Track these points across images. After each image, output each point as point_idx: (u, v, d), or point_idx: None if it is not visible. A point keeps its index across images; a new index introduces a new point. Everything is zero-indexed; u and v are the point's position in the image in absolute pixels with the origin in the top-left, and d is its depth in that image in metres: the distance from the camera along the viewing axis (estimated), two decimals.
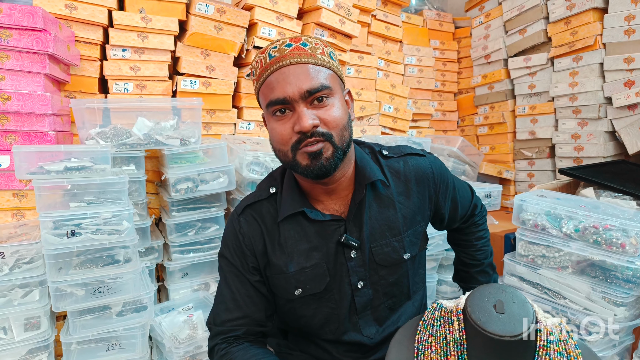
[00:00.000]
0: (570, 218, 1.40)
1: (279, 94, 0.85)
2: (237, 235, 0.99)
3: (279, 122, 0.87)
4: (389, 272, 0.99)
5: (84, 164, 1.34)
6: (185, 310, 1.57)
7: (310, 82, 0.85)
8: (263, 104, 0.91)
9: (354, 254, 0.96)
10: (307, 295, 0.97)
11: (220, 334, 0.98)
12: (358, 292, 0.98)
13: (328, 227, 0.96)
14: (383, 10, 2.54)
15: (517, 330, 0.65)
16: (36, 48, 1.42)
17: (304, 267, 0.96)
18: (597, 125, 2.10)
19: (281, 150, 0.89)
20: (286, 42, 0.88)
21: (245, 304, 0.98)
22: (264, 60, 0.88)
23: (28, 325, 1.32)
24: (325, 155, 0.86)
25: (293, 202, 0.96)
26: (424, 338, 0.73)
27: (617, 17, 1.97)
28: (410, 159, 1.04)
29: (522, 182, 2.52)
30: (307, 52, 0.87)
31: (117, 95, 1.79)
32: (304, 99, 0.84)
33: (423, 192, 1.03)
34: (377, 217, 0.98)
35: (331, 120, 0.86)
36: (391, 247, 0.98)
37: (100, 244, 1.29)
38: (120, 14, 1.75)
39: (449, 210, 1.12)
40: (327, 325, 1.00)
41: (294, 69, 0.85)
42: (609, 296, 1.30)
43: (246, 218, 1.00)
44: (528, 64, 2.40)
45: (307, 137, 0.84)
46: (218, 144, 1.71)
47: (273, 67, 0.86)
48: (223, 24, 1.92)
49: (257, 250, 0.98)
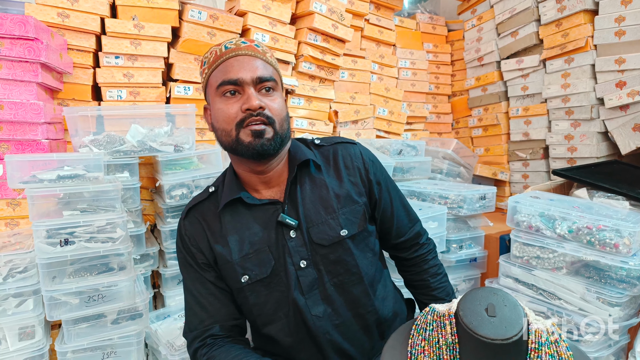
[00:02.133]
0: (564, 219, 1.41)
1: (232, 76, 0.93)
2: (184, 238, 1.06)
3: (227, 102, 0.94)
4: (329, 251, 1.01)
5: (77, 172, 1.34)
6: (182, 317, 1.56)
7: (261, 71, 0.95)
8: (212, 87, 0.97)
9: (293, 233, 1.00)
10: (255, 281, 1.00)
11: (196, 339, 1.01)
12: (302, 271, 1.00)
13: (266, 210, 1.01)
14: (376, 14, 2.56)
15: (509, 333, 0.65)
16: (28, 57, 1.42)
17: (247, 254, 1.00)
18: (590, 126, 2.11)
19: (225, 129, 0.95)
20: (241, 40, 0.99)
21: (209, 303, 1.02)
22: (219, 50, 0.98)
23: (22, 335, 1.31)
24: (267, 136, 0.93)
25: (231, 192, 1.02)
26: (417, 342, 0.73)
27: (607, 18, 1.99)
28: (339, 146, 1.10)
29: (517, 183, 2.53)
30: (259, 51, 0.98)
31: (110, 103, 1.79)
32: (254, 84, 0.94)
33: (354, 175, 1.07)
34: (311, 197, 1.02)
35: (275, 108, 0.95)
36: (327, 224, 1.01)
37: (94, 252, 1.28)
38: (113, 22, 1.75)
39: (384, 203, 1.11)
40: (280, 310, 1.02)
41: (248, 59, 0.96)
42: (604, 296, 1.31)
43: (190, 220, 1.06)
44: (520, 66, 2.41)
45: (252, 116, 0.92)
46: (212, 149, 1.71)
47: (229, 55, 0.95)
48: (216, 30, 1.93)
49: (203, 247, 1.03)
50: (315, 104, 2.24)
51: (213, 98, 0.98)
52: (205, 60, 1.01)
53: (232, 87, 0.94)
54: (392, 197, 1.13)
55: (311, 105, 2.23)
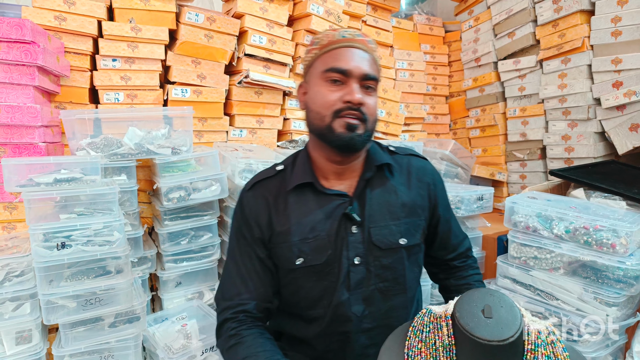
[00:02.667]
0: (561, 219, 1.41)
1: (343, 65, 0.94)
2: (244, 209, 1.06)
3: (330, 87, 0.95)
4: (384, 255, 1.01)
5: (74, 175, 1.33)
6: (179, 320, 1.56)
7: (370, 69, 0.96)
8: (319, 69, 0.98)
9: (355, 229, 1.00)
10: (308, 266, 1.00)
11: (229, 308, 1.01)
12: (354, 267, 1.01)
13: (333, 201, 1.01)
14: (373, 16, 2.56)
15: (505, 334, 0.65)
16: (25, 60, 1.41)
17: (306, 238, 1.00)
18: (587, 126, 2.12)
19: (320, 113, 0.96)
20: (357, 33, 1.00)
21: (251, 278, 1.03)
22: (335, 35, 0.98)
23: (19, 339, 1.31)
24: (358, 132, 0.95)
25: (304, 175, 1.03)
26: (414, 344, 0.73)
27: (603, 19, 2.00)
28: (413, 159, 1.12)
29: (515, 183, 2.53)
30: (371, 48, 1.00)
31: (107, 105, 1.79)
32: (360, 79, 0.95)
33: (423, 188, 1.08)
34: (379, 200, 1.03)
35: (371, 107, 0.97)
36: (388, 229, 1.02)
37: (91, 255, 1.28)
38: (110, 24, 1.75)
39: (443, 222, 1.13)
40: (323, 299, 1.02)
41: (362, 54, 0.97)
42: (601, 296, 1.31)
43: (253, 193, 1.06)
44: (517, 66, 2.42)
45: (350, 109, 0.94)
46: (210, 151, 1.71)
47: (344, 44, 0.96)
48: (213, 32, 1.93)
49: (261, 223, 1.03)
50: None
51: (315, 79, 0.99)
52: (317, 40, 1.01)
53: (340, 76, 0.95)
54: (450, 216, 1.16)
55: None
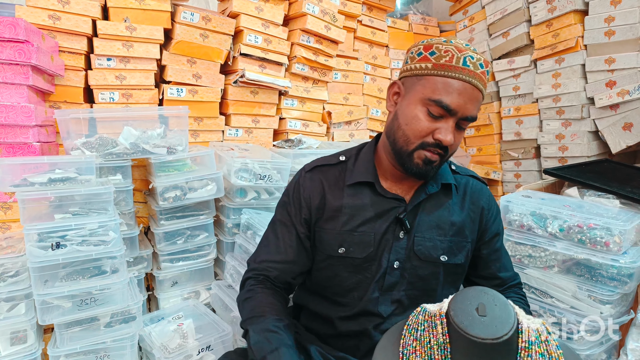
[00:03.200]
0: (555, 218, 1.42)
1: (450, 102, 0.88)
2: (299, 188, 1.06)
3: (427, 117, 0.91)
4: (421, 265, 1.02)
5: (69, 175, 1.33)
6: (175, 319, 1.56)
7: (473, 111, 0.92)
8: (425, 89, 0.91)
9: (402, 234, 1.01)
10: (348, 257, 1.02)
11: (254, 270, 1.06)
12: (391, 270, 1.01)
13: (388, 204, 1.01)
14: (368, 16, 2.56)
15: (499, 332, 0.66)
16: (19, 59, 1.41)
17: (354, 230, 1.01)
18: (581, 125, 2.13)
19: (407, 136, 0.93)
20: (480, 61, 0.90)
21: (286, 251, 1.04)
22: (457, 59, 0.89)
23: (14, 339, 1.30)
24: (434, 166, 0.94)
25: (366, 173, 1.03)
26: (409, 343, 0.73)
27: (597, 19, 2.01)
28: (472, 180, 1.10)
29: (510, 182, 2.54)
30: (484, 82, 0.93)
31: (102, 105, 1.78)
32: (460, 119, 0.91)
33: (475, 211, 1.07)
34: (430, 211, 1.03)
35: (456, 146, 0.95)
36: (432, 242, 1.02)
37: (86, 255, 1.28)
38: (105, 24, 1.74)
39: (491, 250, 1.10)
40: (355, 291, 1.03)
41: (474, 93, 0.90)
42: (595, 294, 1.32)
43: (312, 175, 1.07)
44: (512, 66, 2.43)
45: (437, 146, 0.91)
46: (205, 151, 1.71)
47: (464, 76, 0.89)
48: (209, 32, 1.93)
49: (313, 205, 1.04)
50: (309, 105, 2.24)
51: (416, 97, 0.92)
52: (435, 51, 0.91)
53: (444, 112, 0.89)
54: (501, 247, 1.13)
55: (304, 107, 2.23)
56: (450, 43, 0.91)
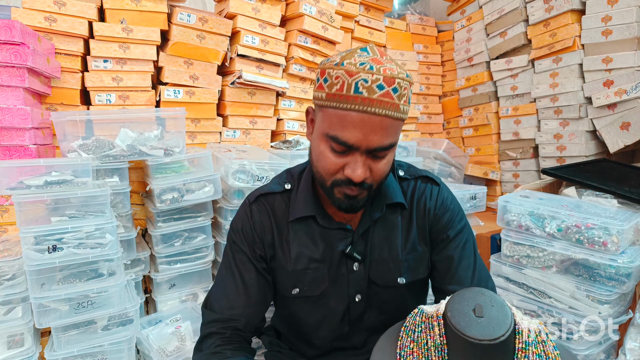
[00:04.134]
0: (553, 218, 1.42)
1: (348, 138, 0.79)
2: (248, 222, 0.99)
3: (332, 153, 0.83)
4: (383, 291, 0.98)
5: (65, 178, 1.32)
6: (173, 322, 1.55)
7: (381, 140, 0.80)
8: (324, 124, 0.82)
9: (356, 266, 0.96)
10: (303, 296, 0.98)
11: (216, 322, 0.94)
12: (354, 304, 0.98)
13: (336, 234, 0.96)
14: (366, 16, 2.56)
15: (496, 333, 0.66)
16: (14, 62, 1.40)
17: (305, 268, 0.96)
18: (579, 125, 2.13)
19: (319, 173, 0.87)
20: (379, 82, 0.76)
21: (247, 292, 0.96)
22: (347, 86, 0.77)
23: (11, 343, 1.30)
24: (359, 198, 0.86)
25: (306, 205, 0.96)
26: (406, 344, 0.73)
27: (594, 18, 2.01)
28: (420, 184, 1.01)
29: (508, 182, 2.55)
30: (393, 103, 0.78)
31: (99, 107, 1.77)
32: (367, 151, 0.81)
33: (423, 217, 0.99)
34: (380, 234, 0.97)
35: (380, 174, 0.85)
36: (387, 266, 0.97)
37: (83, 258, 1.27)
38: (101, 25, 1.74)
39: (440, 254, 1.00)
40: (321, 329, 1.01)
41: (375, 121, 0.77)
42: (593, 294, 1.32)
43: (258, 207, 1.00)
44: (509, 66, 2.43)
45: (351, 184, 0.83)
46: (203, 153, 1.70)
47: (355, 106, 0.77)
48: (206, 33, 1.92)
49: (265, 241, 0.98)
50: (307, 105, 2.23)
51: (318, 131, 0.85)
52: (327, 77, 0.80)
53: (343, 148, 0.81)
54: (464, 245, 1.00)
55: (302, 107, 2.23)
56: (341, 66, 0.78)
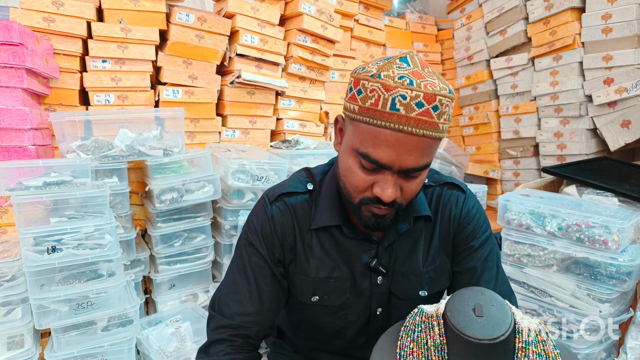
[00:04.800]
0: (553, 216, 1.41)
1: (381, 157, 0.73)
2: (269, 223, 0.91)
3: (362, 170, 0.77)
4: (403, 304, 0.94)
5: (64, 178, 1.32)
6: (173, 322, 1.55)
7: (416, 162, 0.74)
8: (355, 139, 0.76)
9: (380, 280, 0.92)
10: (322, 305, 0.93)
11: (226, 328, 0.89)
12: (375, 317, 0.96)
13: (360, 245, 0.91)
14: (365, 15, 2.56)
15: (496, 333, 0.65)
16: (13, 63, 1.40)
17: (328, 277, 0.92)
18: (579, 123, 2.13)
19: (349, 190, 0.81)
20: (418, 99, 0.69)
21: (261, 299, 0.90)
22: (383, 102, 0.70)
23: (11, 344, 1.30)
24: (387, 217, 0.81)
25: (331, 214, 0.90)
26: (406, 344, 0.73)
27: (594, 16, 2.00)
28: (446, 190, 0.96)
29: (508, 181, 2.54)
30: (433, 122, 0.71)
31: (98, 107, 1.77)
32: (399, 171, 0.75)
33: (447, 227, 0.95)
34: (403, 246, 0.93)
35: (411, 194, 0.79)
36: (408, 279, 0.93)
37: (82, 259, 1.27)
38: (100, 25, 1.74)
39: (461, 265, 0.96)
40: (338, 337, 0.99)
41: (411, 141, 0.71)
42: (594, 293, 1.32)
43: (281, 207, 0.92)
44: (510, 64, 2.43)
45: (380, 203, 0.78)
46: (202, 153, 1.70)
47: (390, 124, 0.70)
48: (204, 33, 1.92)
49: (286, 243, 0.91)
50: (306, 105, 2.23)
51: (348, 144, 0.79)
52: (361, 89, 0.73)
53: (373, 167, 0.75)
54: (488, 256, 0.95)
55: (302, 107, 2.22)
56: (378, 78, 0.71)
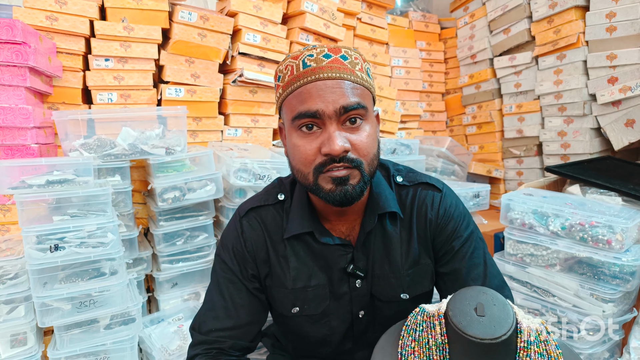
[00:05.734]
0: (556, 216, 1.41)
1: (310, 107, 0.76)
2: (239, 238, 0.92)
3: (304, 139, 0.79)
4: (386, 306, 0.94)
5: (67, 177, 1.33)
6: (176, 321, 1.56)
7: (346, 99, 0.77)
8: (287, 115, 0.82)
9: (359, 283, 0.92)
10: (304, 315, 0.94)
11: (202, 344, 0.91)
12: (358, 319, 0.95)
13: (335, 251, 0.91)
14: (368, 13, 2.55)
15: (498, 332, 0.65)
16: (16, 61, 1.40)
17: (306, 286, 0.92)
18: (583, 122, 2.11)
19: (301, 171, 0.81)
20: (324, 52, 0.79)
21: (237, 313, 0.91)
22: (296, 67, 0.79)
23: (14, 342, 1.30)
24: (351, 182, 0.78)
25: (302, 221, 0.90)
26: (407, 343, 0.73)
27: (598, 14, 1.99)
28: (421, 191, 0.95)
29: (512, 180, 2.53)
30: (346, 67, 0.78)
31: (101, 106, 1.78)
32: (337, 116, 0.76)
33: (424, 228, 0.93)
34: (380, 248, 0.92)
35: (363, 146, 0.78)
36: (388, 281, 0.92)
37: (85, 257, 1.27)
38: (102, 24, 1.74)
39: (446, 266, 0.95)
40: (324, 345, 0.98)
41: (331, 84, 0.77)
42: (597, 292, 1.31)
43: (249, 222, 0.93)
44: (513, 63, 2.41)
45: (334, 162, 0.77)
46: (204, 151, 1.70)
47: (307, 78, 0.77)
48: (207, 31, 1.92)
49: (258, 258, 0.92)
50: None
51: (288, 128, 0.82)
52: (279, 74, 0.83)
53: (310, 120, 0.77)
54: (471, 253, 0.93)
55: None
56: (287, 57, 0.83)
